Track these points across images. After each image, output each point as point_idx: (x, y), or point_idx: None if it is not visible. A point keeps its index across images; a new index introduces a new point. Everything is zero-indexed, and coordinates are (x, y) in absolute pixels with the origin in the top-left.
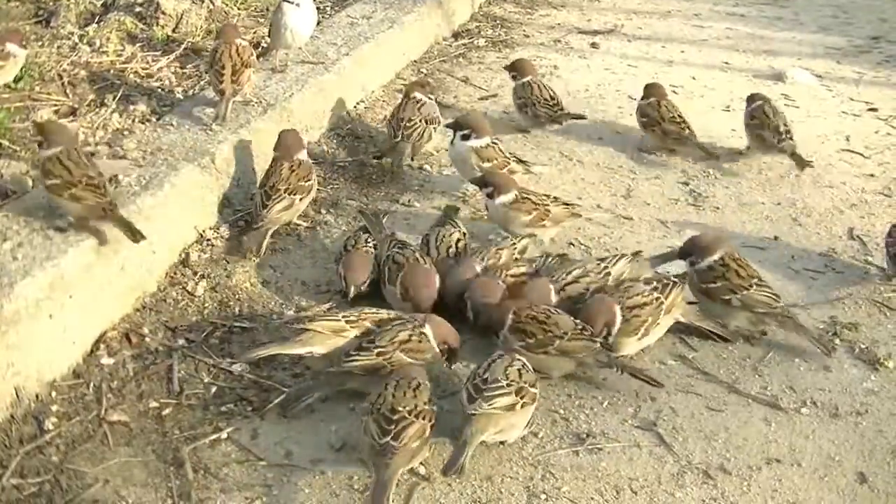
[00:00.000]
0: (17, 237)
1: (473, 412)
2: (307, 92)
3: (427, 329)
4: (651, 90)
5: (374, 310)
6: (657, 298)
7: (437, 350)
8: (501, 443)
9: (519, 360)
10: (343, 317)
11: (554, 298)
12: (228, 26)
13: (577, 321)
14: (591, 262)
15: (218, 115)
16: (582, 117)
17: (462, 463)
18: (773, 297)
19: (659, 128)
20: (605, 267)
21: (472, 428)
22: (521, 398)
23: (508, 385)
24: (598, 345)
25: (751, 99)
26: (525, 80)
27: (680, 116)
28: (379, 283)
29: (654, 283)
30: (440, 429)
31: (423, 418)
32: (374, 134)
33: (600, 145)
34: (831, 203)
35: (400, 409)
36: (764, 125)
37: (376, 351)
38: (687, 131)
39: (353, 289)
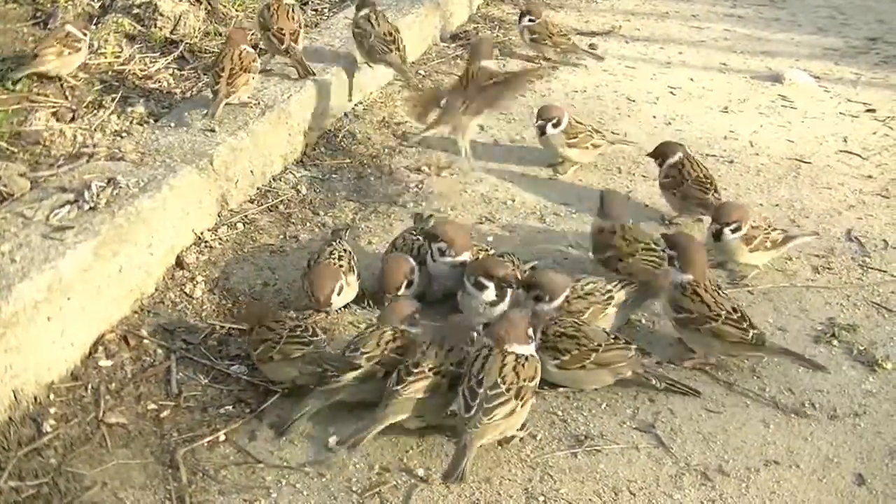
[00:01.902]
0: (15, 239)
1: (475, 427)
2: (305, 94)
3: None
4: None
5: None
6: None
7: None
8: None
9: (511, 353)
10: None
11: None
12: (237, 31)
13: (609, 332)
14: (600, 281)
15: (208, 113)
16: (599, 58)
17: (463, 469)
18: None
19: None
20: (610, 291)
21: (471, 435)
22: (522, 400)
23: (507, 390)
24: (633, 351)
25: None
26: (539, 20)
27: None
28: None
29: None
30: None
31: (443, 376)
32: (372, 136)
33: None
34: (829, 204)
35: (423, 364)
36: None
37: (365, 357)
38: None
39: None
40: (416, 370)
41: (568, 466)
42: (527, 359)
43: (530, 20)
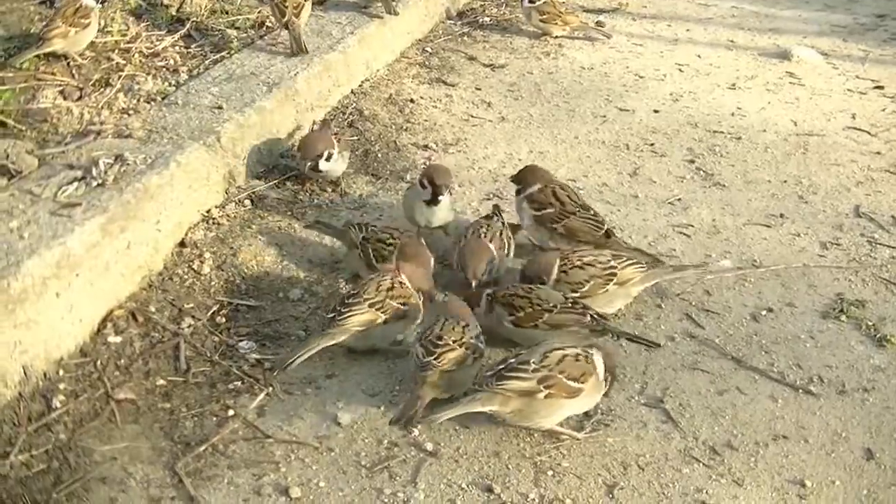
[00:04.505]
0: (23, 216)
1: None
2: (312, 70)
3: (403, 277)
4: None
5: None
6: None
7: (415, 293)
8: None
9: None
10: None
11: (554, 274)
12: None
13: (566, 295)
14: (604, 254)
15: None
16: (607, 35)
17: None
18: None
19: None
20: (613, 266)
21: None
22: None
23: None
24: (589, 317)
25: None
26: None
27: None
28: None
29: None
30: None
31: (467, 348)
32: (379, 112)
33: (605, 123)
34: (837, 181)
35: (445, 337)
36: None
37: (368, 303)
38: None
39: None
40: (440, 342)
41: (576, 441)
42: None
43: (531, 0)
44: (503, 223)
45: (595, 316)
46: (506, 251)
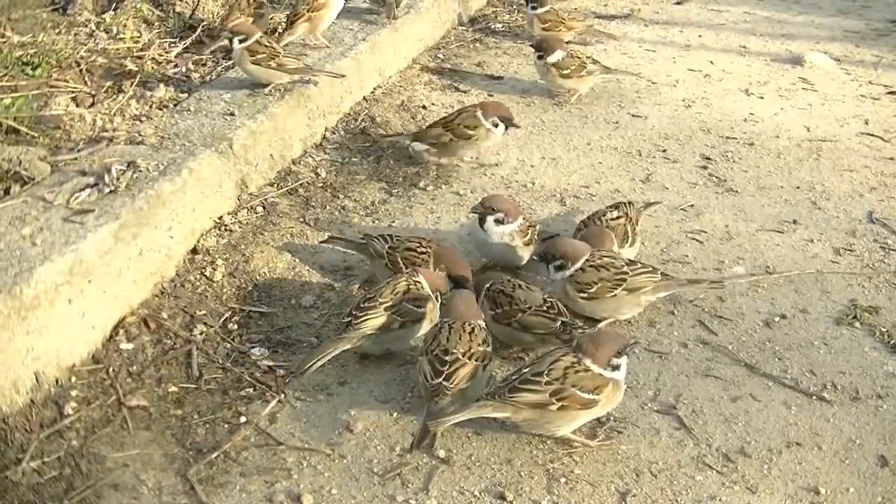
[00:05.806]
0: (36, 222)
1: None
2: (324, 77)
3: (420, 278)
4: None
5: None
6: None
7: (433, 296)
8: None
9: (585, 366)
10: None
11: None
12: None
13: (547, 299)
14: (621, 259)
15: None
16: (614, 37)
17: None
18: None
19: None
20: (625, 272)
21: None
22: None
23: (547, 383)
24: (559, 324)
25: None
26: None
27: None
28: None
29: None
30: None
31: (476, 359)
32: (391, 119)
33: (618, 129)
34: (851, 186)
35: (453, 350)
36: None
37: (383, 306)
38: None
39: None
40: (447, 357)
41: (590, 448)
42: (595, 377)
43: (533, 7)
44: (628, 216)
45: (567, 323)
46: (629, 243)
